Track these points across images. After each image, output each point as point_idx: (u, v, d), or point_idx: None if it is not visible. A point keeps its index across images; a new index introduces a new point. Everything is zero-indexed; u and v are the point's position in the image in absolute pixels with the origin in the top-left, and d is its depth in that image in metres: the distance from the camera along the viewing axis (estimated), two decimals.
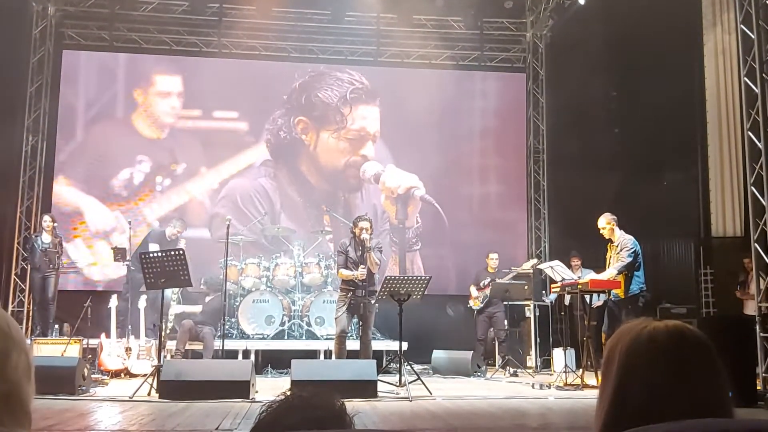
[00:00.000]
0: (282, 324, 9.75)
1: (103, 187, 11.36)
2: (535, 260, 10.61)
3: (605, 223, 7.94)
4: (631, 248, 7.79)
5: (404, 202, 11.93)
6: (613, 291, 7.95)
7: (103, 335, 8.55)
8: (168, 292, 9.21)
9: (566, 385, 7.71)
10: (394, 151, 12.07)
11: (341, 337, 7.72)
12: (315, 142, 11.93)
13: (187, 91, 11.80)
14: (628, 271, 7.82)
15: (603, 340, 8.83)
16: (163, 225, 10.34)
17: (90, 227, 11.23)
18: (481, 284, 9.97)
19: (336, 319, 7.87)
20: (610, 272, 7.82)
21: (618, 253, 7.81)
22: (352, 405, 1.21)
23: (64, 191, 11.30)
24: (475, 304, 10.00)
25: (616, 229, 7.93)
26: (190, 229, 10.88)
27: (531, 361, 10.04)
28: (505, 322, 9.67)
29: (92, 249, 11.18)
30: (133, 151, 11.53)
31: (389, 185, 11.92)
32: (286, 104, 11.95)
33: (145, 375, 7.28)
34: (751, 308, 9.42)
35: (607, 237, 7.97)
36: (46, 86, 11.44)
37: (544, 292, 10.66)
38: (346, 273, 7.77)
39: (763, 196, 7.40)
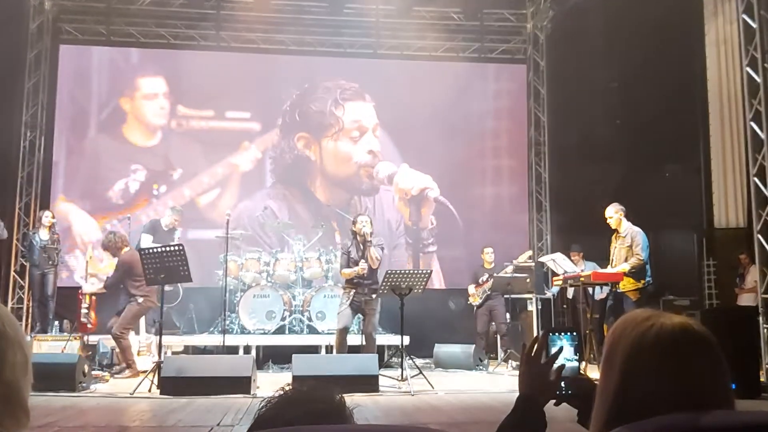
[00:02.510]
0: (283, 319, 9.73)
1: (99, 200, 11.29)
2: (529, 252, 10.61)
3: (614, 212, 7.86)
4: (645, 245, 7.71)
5: (418, 203, 11.92)
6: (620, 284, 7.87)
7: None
8: None
9: None
10: (401, 148, 12.04)
11: (343, 333, 7.76)
12: (320, 154, 11.90)
13: (176, 92, 11.73)
14: None
15: (605, 332, 8.79)
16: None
17: (77, 240, 11.15)
18: (480, 280, 9.95)
19: (339, 314, 7.93)
20: (623, 267, 7.73)
21: (628, 246, 7.73)
22: (353, 399, 1.19)
23: (64, 209, 11.23)
24: (473, 300, 9.98)
25: (624, 219, 7.88)
26: (195, 230, 10.78)
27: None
28: (507, 315, 9.64)
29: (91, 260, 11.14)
30: (126, 161, 11.46)
31: (402, 186, 11.92)
32: (281, 128, 11.89)
33: (145, 371, 7.25)
34: (744, 300, 9.45)
35: (613, 227, 7.91)
36: (44, 81, 11.41)
37: (545, 285, 10.63)
38: (348, 271, 7.84)
39: (765, 187, 7.38)
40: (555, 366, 1.59)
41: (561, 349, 1.61)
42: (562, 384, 1.59)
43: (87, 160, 11.49)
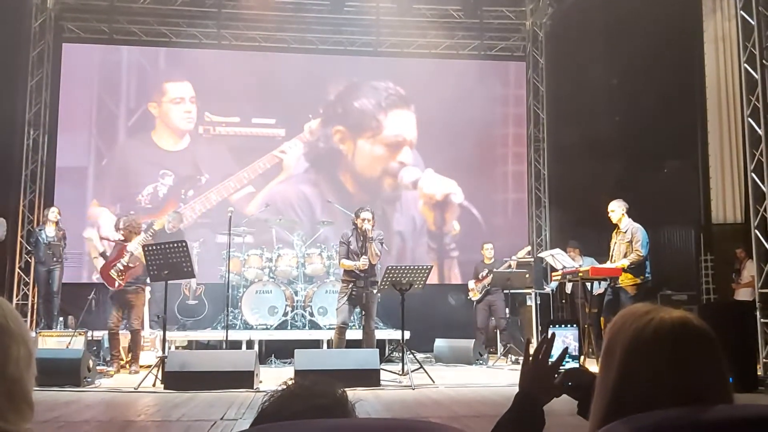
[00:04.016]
0: (285, 314, 9.79)
1: (128, 204, 11.26)
2: (528, 248, 10.65)
3: (617, 206, 7.87)
4: (645, 242, 7.75)
5: (442, 208, 11.98)
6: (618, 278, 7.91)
7: None
8: None
9: None
10: (423, 152, 12.11)
11: (341, 328, 7.77)
12: (353, 151, 11.98)
13: (202, 97, 11.81)
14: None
15: (602, 325, 8.84)
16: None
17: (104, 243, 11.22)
18: (480, 276, 10.00)
19: (337, 309, 7.94)
20: (622, 263, 7.78)
21: (628, 241, 7.78)
22: (355, 394, 1.23)
23: (95, 213, 11.34)
24: (474, 295, 10.03)
25: (626, 216, 7.92)
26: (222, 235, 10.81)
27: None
28: (506, 310, 9.69)
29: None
30: (155, 166, 11.55)
31: (427, 191, 11.98)
32: (322, 115, 12.00)
33: (149, 366, 7.32)
34: (741, 295, 9.49)
35: (614, 221, 7.94)
36: (47, 79, 11.45)
37: (544, 280, 10.67)
38: (347, 263, 7.81)
39: (763, 183, 7.40)
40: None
41: (566, 350, 1.64)
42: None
43: (117, 165, 11.57)
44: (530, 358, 1.63)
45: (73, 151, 11.55)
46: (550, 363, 1.62)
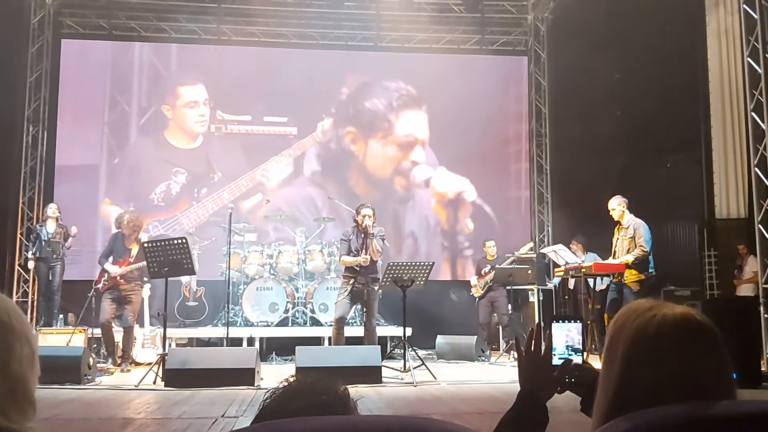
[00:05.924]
0: (286, 311, 9.78)
1: (141, 202, 11.21)
2: (531, 244, 10.63)
3: (616, 204, 7.87)
4: (648, 237, 7.72)
5: (454, 206, 11.94)
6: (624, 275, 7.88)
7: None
8: None
9: None
10: (435, 150, 12.09)
11: (339, 323, 7.72)
12: (364, 152, 11.95)
13: (215, 97, 11.78)
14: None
15: (605, 322, 8.82)
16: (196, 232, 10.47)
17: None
18: (482, 272, 9.98)
19: (336, 303, 7.93)
20: (626, 258, 7.75)
21: (631, 237, 7.75)
22: (357, 391, 1.21)
23: (107, 211, 11.30)
24: (476, 291, 10.01)
25: (627, 212, 7.89)
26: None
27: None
28: (509, 306, 9.66)
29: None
30: (168, 164, 11.51)
31: (439, 190, 11.97)
32: (334, 115, 11.96)
33: (150, 363, 7.29)
34: (743, 291, 9.48)
35: (615, 219, 7.92)
36: (46, 76, 11.43)
37: (547, 276, 10.65)
38: (348, 259, 7.78)
39: (766, 177, 7.38)
40: (560, 359, 1.61)
41: (550, 335, 1.61)
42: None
43: (129, 163, 11.55)
44: (524, 356, 1.61)
45: (84, 148, 11.48)
46: (542, 354, 1.59)
